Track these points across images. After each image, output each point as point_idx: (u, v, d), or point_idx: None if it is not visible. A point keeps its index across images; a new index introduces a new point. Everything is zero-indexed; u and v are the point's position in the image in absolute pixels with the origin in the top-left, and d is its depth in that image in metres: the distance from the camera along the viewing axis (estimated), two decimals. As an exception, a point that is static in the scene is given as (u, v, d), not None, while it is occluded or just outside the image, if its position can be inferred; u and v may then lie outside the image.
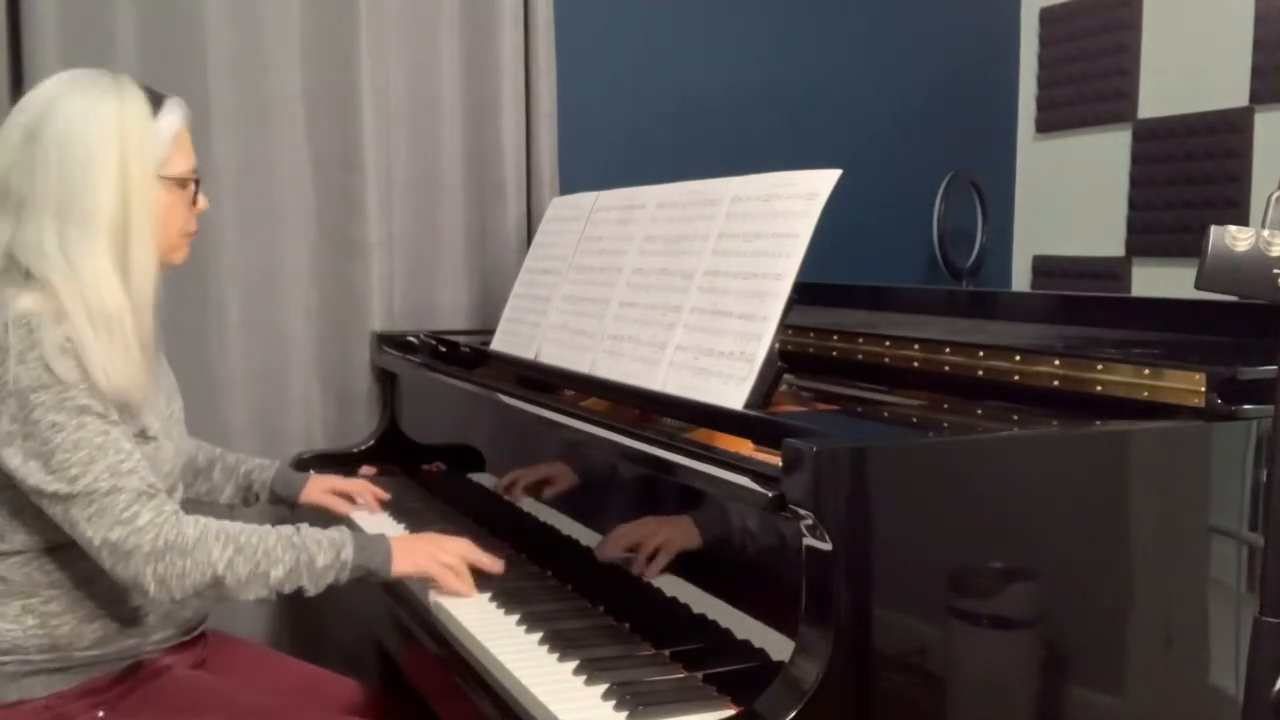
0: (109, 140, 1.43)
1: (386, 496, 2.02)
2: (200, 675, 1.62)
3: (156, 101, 1.52)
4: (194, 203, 1.57)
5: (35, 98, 1.46)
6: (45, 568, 1.47)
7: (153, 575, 1.38)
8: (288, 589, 1.45)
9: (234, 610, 2.21)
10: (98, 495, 1.37)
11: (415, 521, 1.93)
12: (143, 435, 1.49)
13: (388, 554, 1.52)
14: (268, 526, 1.48)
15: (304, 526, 1.50)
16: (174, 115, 1.53)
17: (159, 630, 1.56)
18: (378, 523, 1.92)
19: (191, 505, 1.98)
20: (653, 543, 1.41)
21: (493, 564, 1.57)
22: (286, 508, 1.96)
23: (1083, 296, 2.33)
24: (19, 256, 1.42)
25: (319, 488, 1.97)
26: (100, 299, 1.40)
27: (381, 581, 1.54)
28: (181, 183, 1.54)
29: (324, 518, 1.90)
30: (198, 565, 1.39)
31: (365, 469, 2.25)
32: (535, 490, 1.74)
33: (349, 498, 2.00)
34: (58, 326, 1.38)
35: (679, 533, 1.38)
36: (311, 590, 1.47)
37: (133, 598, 1.52)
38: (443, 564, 1.55)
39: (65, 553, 1.47)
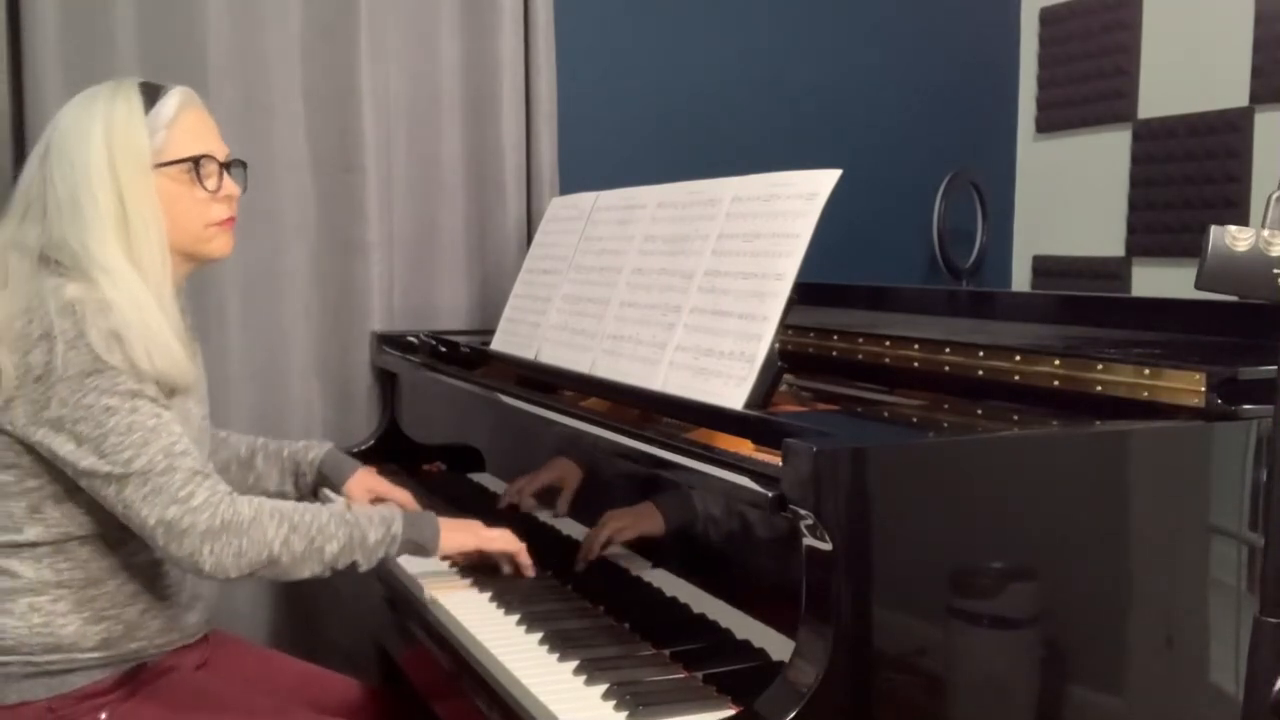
0: (97, 141, 1.48)
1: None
2: (203, 676, 1.63)
3: (153, 95, 1.54)
4: (212, 187, 1.56)
5: (55, 119, 1.54)
6: (57, 565, 1.47)
7: (209, 554, 1.39)
8: (341, 565, 1.48)
9: (234, 610, 2.22)
10: (153, 474, 1.39)
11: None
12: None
13: (436, 530, 1.56)
14: (319, 505, 1.52)
15: (354, 504, 1.53)
16: (170, 102, 1.54)
17: (163, 635, 1.56)
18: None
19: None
20: (618, 522, 1.46)
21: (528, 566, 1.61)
22: (331, 492, 1.92)
23: (1083, 296, 2.32)
24: (52, 255, 1.47)
25: (364, 484, 1.90)
26: (130, 289, 1.45)
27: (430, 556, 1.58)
28: (185, 167, 1.54)
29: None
30: (254, 544, 1.41)
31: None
32: (535, 490, 1.74)
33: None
34: (102, 315, 1.41)
35: (653, 522, 1.40)
36: (364, 566, 1.50)
37: (140, 602, 1.52)
38: (487, 536, 1.59)
39: (80, 550, 1.48)
